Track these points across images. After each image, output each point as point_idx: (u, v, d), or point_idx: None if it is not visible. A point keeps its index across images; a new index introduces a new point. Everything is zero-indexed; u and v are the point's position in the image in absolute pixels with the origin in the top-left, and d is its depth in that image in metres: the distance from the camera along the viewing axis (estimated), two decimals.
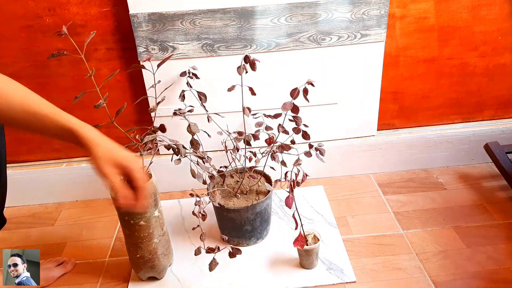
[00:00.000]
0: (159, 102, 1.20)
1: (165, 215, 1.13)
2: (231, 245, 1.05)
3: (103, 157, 0.70)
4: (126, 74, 1.34)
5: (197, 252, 1.05)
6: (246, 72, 1.13)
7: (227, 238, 1.07)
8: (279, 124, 1.15)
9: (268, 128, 1.21)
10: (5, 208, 1.11)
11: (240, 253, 1.04)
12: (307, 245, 1.10)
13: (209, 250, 1.01)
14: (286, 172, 1.08)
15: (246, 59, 1.11)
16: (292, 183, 1.04)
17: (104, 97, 1.02)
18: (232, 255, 1.04)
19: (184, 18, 1.23)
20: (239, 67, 1.12)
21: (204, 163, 1.17)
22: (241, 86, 1.16)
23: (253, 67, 1.11)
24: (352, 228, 1.29)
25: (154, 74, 1.22)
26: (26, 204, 1.49)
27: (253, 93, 1.16)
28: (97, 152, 0.70)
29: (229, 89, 1.14)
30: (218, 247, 1.02)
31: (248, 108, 1.16)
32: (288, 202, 1.02)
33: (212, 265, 1.02)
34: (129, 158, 0.73)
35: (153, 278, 1.15)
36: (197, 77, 1.27)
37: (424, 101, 1.46)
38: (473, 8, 1.31)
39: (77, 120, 0.72)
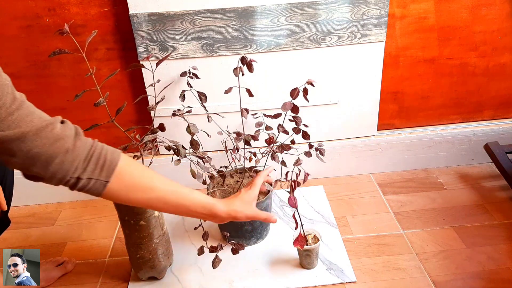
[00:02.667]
0: (158, 102, 1.20)
1: (165, 215, 1.13)
2: (233, 242, 1.05)
3: (244, 210, 0.86)
4: (126, 74, 1.34)
5: (200, 251, 1.05)
6: (243, 74, 1.13)
7: (228, 234, 1.07)
8: (279, 124, 1.15)
9: (268, 128, 1.21)
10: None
11: (243, 249, 1.04)
12: (307, 245, 1.10)
13: (212, 249, 1.01)
14: (287, 172, 1.08)
15: (243, 60, 1.10)
16: (293, 183, 1.04)
17: (104, 96, 1.02)
18: (235, 251, 1.04)
19: (184, 18, 1.23)
20: (235, 69, 1.12)
21: (204, 163, 1.17)
22: (239, 88, 1.16)
23: (250, 68, 1.11)
24: (352, 228, 1.29)
25: (153, 73, 1.22)
26: (26, 204, 1.48)
27: (250, 94, 1.16)
28: (238, 210, 0.85)
29: (226, 91, 1.14)
30: (221, 245, 1.02)
31: (246, 109, 1.16)
32: (291, 202, 1.02)
33: (216, 263, 1.02)
34: (253, 196, 0.90)
35: (153, 278, 1.15)
36: (197, 77, 1.27)
37: (424, 101, 1.46)
38: (473, 8, 1.31)
39: (208, 196, 0.85)
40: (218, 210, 0.83)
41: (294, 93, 1.08)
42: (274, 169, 1.01)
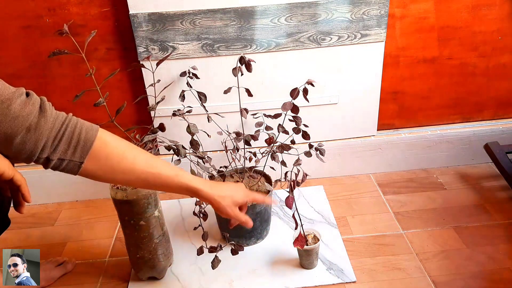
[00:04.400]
0: (158, 102, 1.20)
1: (165, 215, 1.13)
2: (233, 242, 1.05)
3: (227, 207, 0.84)
4: (126, 74, 1.34)
5: (200, 251, 1.05)
6: (242, 74, 1.13)
7: (228, 235, 1.07)
8: (279, 124, 1.15)
9: (268, 128, 1.21)
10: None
11: (242, 250, 1.04)
12: (307, 245, 1.10)
13: (212, 249, 1.02)
14: (286, 172, 1.08)
15: (242, 60, 1.10)
16: (292, 183, 1.04)
17: (104, 96, 1.02)
18: (234, 252, 1.04)
19: (184, 18, 1.23)
20: (234, 69, 1.12)
21: (204, 163, 1.17)
22: (238, 87, 1.16)
23: (248, 68, 1.11)
24: (352, 228, 1.29)
25: (153, 73, 1.22)
26: (26, 204, 1.48)
27: (249, 94, 1.16)
28: (221, 206, 0.84)
29: (225, 91, 1.14)
30: (221, 245, 1.02)
31: (246, 110, 1.16)
32: (288, 203, 1.02)
33: (215, 263, 1.02)
34: (244, 197, 0.88)
35: (153, 278, 1.15)
36: (197, 77, 1.27)
37: (424, 101, 1.46)
38: (473, 8, 1.31)
39: (195, 178, 0.81)
40: (203, 195, 0.81)
41: (294, 93, 1.08)
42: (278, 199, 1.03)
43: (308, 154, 1.14)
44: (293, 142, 1.17)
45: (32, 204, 1.49)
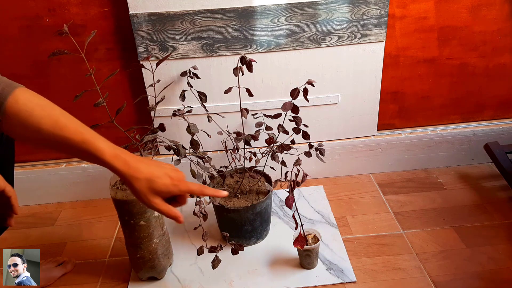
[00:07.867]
0: (158, 102, 1.20)
1: None
2: (233, 242, 1.05)
3: (140, 192, 0.67)
4: (126, 74, 1.34)
5: (200, 251, 1.05)
6: (243, 74, 1.13)
7: (228, 234, 1.07)
8: (279, 124, 1.15)
9: (268, 128, 1.21)
10: None
11: (243, 249, 1.04)
12: (307, 245, 1.10)
13: (212, 249, 1.01)
14: (286, 172, 1.08)
15: (242, 60, 1.10)
16: (292, 183, 1.04)
17: (104, 96, 1.02)
18: (234, 251, 1.04)
19: (184, 18, 1.23)
20: (235, 69, 1.12)
21: (204, 163, 1.17)
22: (238, 87, 1.16)
23: (249, 68, 1.11)
24: (352, 228, 1.29)
25: (153, 73, 1.22)
26: (26, 204, 1.48)
27: (250, 94, 1.16)
28: (134, 189, 0.67)
29: (226, 91, 1.14)
30: (221, 245, 1.02)
31: (246, 109, 1.16)
32: (288, 203, 1.02)
33: (215, 263, 1.02)
34: (169, 186, 0.68)
35: (153, 278, 1.15)
36: (197, 77, 1.27)
37: (424, 101, 1.46)
38: (473, 8, 1.31)
39: (109, 147, 0.67)
40: (115, 171, 0.67)
41: (294, 93, 1.08)
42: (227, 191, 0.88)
43: (308, 154, 1.14)
44: (293, 142, 1.17)
45: (32, 204, 1.49)
